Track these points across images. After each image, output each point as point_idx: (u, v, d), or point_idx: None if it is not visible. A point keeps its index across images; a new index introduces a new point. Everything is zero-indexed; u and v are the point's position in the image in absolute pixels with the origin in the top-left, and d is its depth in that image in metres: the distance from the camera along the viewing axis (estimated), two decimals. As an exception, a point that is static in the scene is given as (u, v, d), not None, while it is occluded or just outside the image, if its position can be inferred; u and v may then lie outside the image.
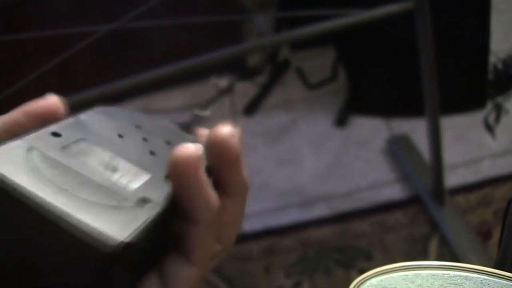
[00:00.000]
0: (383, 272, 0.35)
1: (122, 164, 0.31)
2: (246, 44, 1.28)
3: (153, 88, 1.80)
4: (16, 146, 0.28)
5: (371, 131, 1.89)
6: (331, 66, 2.16)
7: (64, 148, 0.30)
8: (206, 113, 0.44)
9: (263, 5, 2.37)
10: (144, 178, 0.31)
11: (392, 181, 1.69)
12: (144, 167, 0.32)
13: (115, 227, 0.25)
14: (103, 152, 0.31)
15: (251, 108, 2.13)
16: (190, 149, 0.29)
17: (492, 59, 1.90)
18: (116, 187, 0.29)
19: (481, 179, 1.63)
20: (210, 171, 0.32)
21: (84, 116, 0.35)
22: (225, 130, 0.33)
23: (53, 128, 0.31)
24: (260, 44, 1.37)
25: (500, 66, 1.95)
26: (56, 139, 0.30)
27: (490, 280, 0.33)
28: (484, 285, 0.32)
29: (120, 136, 0.34)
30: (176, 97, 2.14)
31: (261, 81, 2.23)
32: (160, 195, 0.30)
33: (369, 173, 1.74)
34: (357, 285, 0.35)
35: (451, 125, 1.77)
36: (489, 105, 1.84)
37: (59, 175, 0.27)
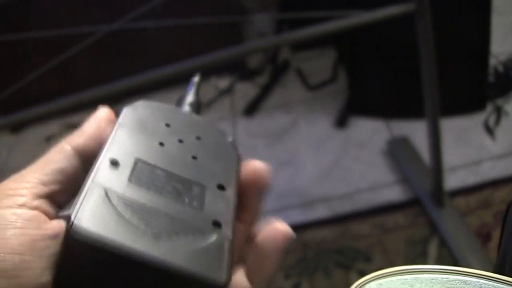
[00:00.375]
0: (382, 275, 0.35)
1: (181, 182, 0.35)
2: (246, 45, 1.29)
3: (153, 88, 1.80)
4: (98, 198, 0.31)
5: (371, 132, 1.89)
6: (331, 67, 2.16)
7: (130, 181, 0.33)
8: (196, 78, 0.46)
9: (264, 6, 2.37)
10: (204, 193, 0.35)
11: (392, 183, 1.69)
12: (196, 178, 0.36)
13: (214, 268, 0.30)
14: (159, 171, 0.35)
15: (251, 109, 2.13)
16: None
17: (492, 61, 1.90)
18: (192, 217, 0.33)
19: (481, 181, 1.63)
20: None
21: (123, 128, 0.37)
22: (261, 165, 0.38)
23: (109, 154, 0.34)
24: (260, 45, 1.37)
25: (500, 68, 1.95)
26: (118, 171, 0.33)
27: (489, 285, 0.33)
28: (483, 289, 0.32)
29: (161, 144, 0.37)
30: (176, 97, 2.14)
31: (261, 82, 2.23)
32: (226, 216, 0.34)
33: (369, 175, 1.74)
34: (356, 289, 0.35)
35: (451, 127, 1.77)
36: (489, 107, 1.84)
37: (145, 219, 0.31)
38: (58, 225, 0.33)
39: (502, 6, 2.00)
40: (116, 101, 2.25)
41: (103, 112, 0.40)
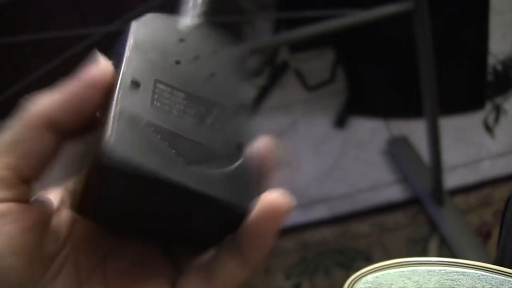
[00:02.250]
0: (379, 268, 0.35)
1: (201, 104, 0.34)
2: (245, 44, 1.28)
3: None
4: (126, 123, 0.30)
5: (370, 132, 1.88)
6: (330, 67, 2.16)
7: (152, 104, 0.32)
8: None
9: (262, 6, 2.37)
10: (225, 114, 0.35)
11: (391, 182, 1.69)
12: (216, 98, 0.35)
13: (238, 195, 0.31)
14: (179, 93, 0.33)
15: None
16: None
17: (491, 60, 1.90)
18: (216, 141, 0.33)
19: (480, 179, 1.63)
20: None
21: (136, 47, 0.35)
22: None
23: (128, 75, 0.32)
24: (258, 45, 1.37)
25: (499, 67, 1.95)
26: (140, 93, 0.32)
27: (487, 276, 0.32)
28: (481, 280, 0.32)
29: (177, 62, 0.35)
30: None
31: (260, 83, 2.23)
32: (249, 137, 0.35)
33: (369, 175, 1.74)
34: (353, 282, 0.35)
35: (450, 126, 1.77)
36: (488, 106, 1.84)
37: (173, 145, 0.31)
38: (38, 210, 0.31)
39: (501, 5, 1.99)
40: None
41: (96, 72, 0.33)
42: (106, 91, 0.32)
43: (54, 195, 0.34)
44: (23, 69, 2.08)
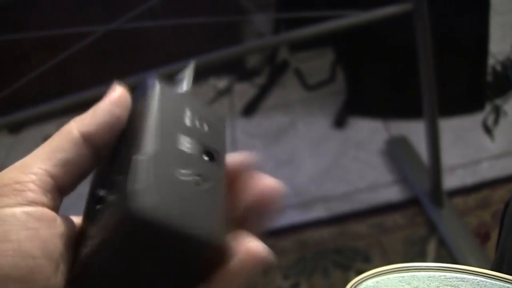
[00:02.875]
0: (379, 273, 0.35)
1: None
2: (244, 44, 1.28)
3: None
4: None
5: (369, 132, 1.89)
6: (329, 67, 2.16)
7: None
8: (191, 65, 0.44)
9: (262, 6, 2.37)
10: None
11: (390, 183, 1.69)
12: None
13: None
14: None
15: (250, 109, 2.13)
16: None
17: (491, 61, 1.90)
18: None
19: (479, 181, 1.63)
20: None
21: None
22: (273, 183, 0.34)
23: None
24: (258, 45, 1.37)
25: (499, 68, 1.95)
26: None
27: (487, 282, 0.33)
28: (480, 286, 0.32)
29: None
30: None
31: (260, 82, 2.23)
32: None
33: (368, 175, 1.74)
34: (353, 286, 0.35)
35: (449, 127, 1.77)
36: (488, 107, 1.84)
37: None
38: (65, 222, 0.32)
39: (501, 6, 2.00)
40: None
41: (117, 94, 0.36)
42: (127, 112, 0.35)
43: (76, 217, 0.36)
44: (24, 67, 2.09)
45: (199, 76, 0.44)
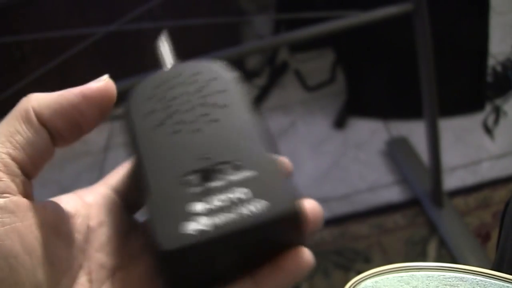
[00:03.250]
0: (378, 273, 0.35)
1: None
2: (244, 45, 1.28)
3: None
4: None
5: (370, 133, 1.89)
6: (329, 68, 2.15)
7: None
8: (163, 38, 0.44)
9: (262, 7, 2.37)
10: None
11: (390, 183, 1.69)
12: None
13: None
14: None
15: (250, 110, 2.12)
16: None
17: (491, 61, 1.90)
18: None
19: (480, 181, 1.63)
20: None
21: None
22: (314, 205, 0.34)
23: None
24: (258, 46, 1.37)
25: (499, 68, 1.95)
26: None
27: (486, 282, 0.32)
28: (479, 286, 0.32)
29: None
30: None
31: (260, 83, 2.23)
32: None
33: (368, 175, 1.74)
34: (352, 286, 0.35)
35: (450, 127, 1.77)
36: (488, 107, 1.84)
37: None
38: (43, 208, 0.31)
39: (501, 6, 1.99)
40: (114, 102, 2.25)
41: (95, 88, 0.33)
42: (103, 109, 0.33)
43: (67, 202, 0.34)
44: (23, 69, 2.09)
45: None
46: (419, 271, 0.34)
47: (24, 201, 0.29)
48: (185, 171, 0.32)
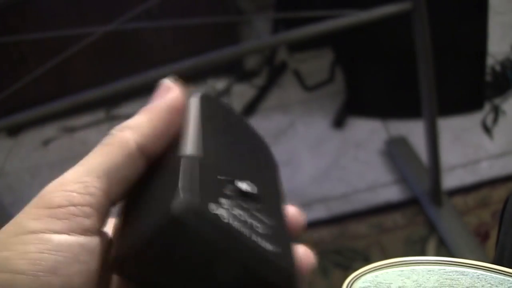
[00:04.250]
0: (378, 267, 0.34)
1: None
2: (243, 45, 1.28)
3: (150, 89, 1.80)
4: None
5: (368, 132, 1.89)
6: (328, 68, 2.16)
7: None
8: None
9: (261, 7, 2.37)
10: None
11: (390, 183, 1.69)
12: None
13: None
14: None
15: (249, 110, 2.12)
16: None
17: (490, 60, 1.90)
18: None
19: (479, 180, 1.63)
20: None
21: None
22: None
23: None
24: (257, 45, 1.37)
25: (497, 67, 1.95)
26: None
27: (487, 275, 0.32)
28: (480, 280, 0.32)
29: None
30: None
31: (259, 83, 2.23)
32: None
33: (367, 175, 1.74)
34: (352, 281, 0.35)
35: (448, 126, 1.77)
36: (487, 107, 1.85)
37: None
38: (106, 245, 0.29)
39: (500, 6, 2.00)
40: (113, 103, 2.25)
41: (175, 96, 0.33)
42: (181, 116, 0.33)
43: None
44: (22, 69, 2.09)
45: (198, 77, 0.43)
46: (419, 265, 0.34)
47: (103, 243, 0.29)
48: (233, 175, 0.32)
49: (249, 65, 2.30)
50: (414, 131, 1.79)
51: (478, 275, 0.32)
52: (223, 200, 0.28)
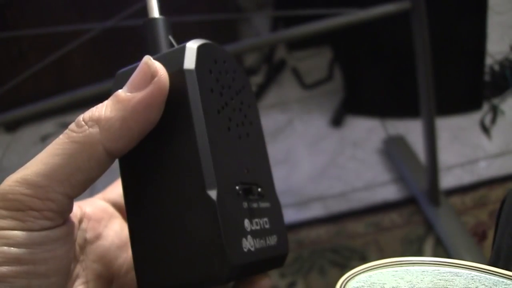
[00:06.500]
0: (372, 268, 0.34)
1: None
2: (242, 42, 1.28)
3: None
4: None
5: (366, 131, 1.89)
6: (327, 66, 2.16)
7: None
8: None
9: (260, 5, 2.37)
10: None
11: (387, 182, 1.69)
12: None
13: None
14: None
15: (247, 108, 2.12)
16: None
17: (488, 60, 1.90)
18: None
19: (476, 180, 1.63)
20: None
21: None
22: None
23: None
24: (256, 43, 1.37)
25: (496, 67, 1.95)
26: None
27: (481, 276, 0.32)
28: (475, 281, 0.32)
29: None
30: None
31: (257, 81, 2.23)
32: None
33: (365, 174, 1.74)
34: (346, 281, 0.35)
35: (447, 126, 1.77)
36: (485, 107, 1.84)
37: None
38: (73, 232, 0.31)
39: (499, 5, 1.99)
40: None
41: (157, 89, 0.30)
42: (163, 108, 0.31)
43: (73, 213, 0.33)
44: (21, 65, 2.08)
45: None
46: (413, 265, 0.34)
47: (64, 230, 0.30)
48: (238, 179, 0.34)
49: (248, 63, 2.30)
50: (412, 130, 1.79)
51: (472, 276, 0.32)
52: (246, 224, 0.33)
